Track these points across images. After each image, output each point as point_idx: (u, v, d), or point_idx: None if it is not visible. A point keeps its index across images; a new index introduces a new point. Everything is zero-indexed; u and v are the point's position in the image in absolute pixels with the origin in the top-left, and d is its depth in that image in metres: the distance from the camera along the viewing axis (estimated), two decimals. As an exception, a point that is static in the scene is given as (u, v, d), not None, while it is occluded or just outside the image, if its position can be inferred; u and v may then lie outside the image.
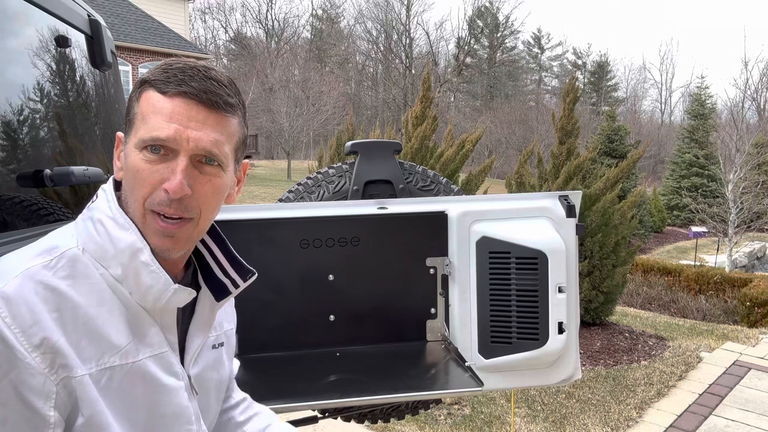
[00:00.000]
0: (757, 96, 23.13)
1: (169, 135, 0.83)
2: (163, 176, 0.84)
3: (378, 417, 2.09)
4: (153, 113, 0.85)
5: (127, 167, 0.87)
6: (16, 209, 1.14)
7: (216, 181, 0.89)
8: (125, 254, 0.85)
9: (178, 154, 0.85)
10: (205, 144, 0.85)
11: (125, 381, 0.84)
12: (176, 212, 0.86)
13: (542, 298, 1.82)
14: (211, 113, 0.86)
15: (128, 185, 0.87)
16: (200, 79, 0.86)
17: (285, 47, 43.28)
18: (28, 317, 0.76)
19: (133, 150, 0.86)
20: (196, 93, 0.85)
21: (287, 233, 1.79)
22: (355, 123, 8.62)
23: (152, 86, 0.86)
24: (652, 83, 65.76)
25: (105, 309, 0.84)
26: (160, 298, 0.87)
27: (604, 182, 6.00)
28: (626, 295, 8.71)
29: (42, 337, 0.76)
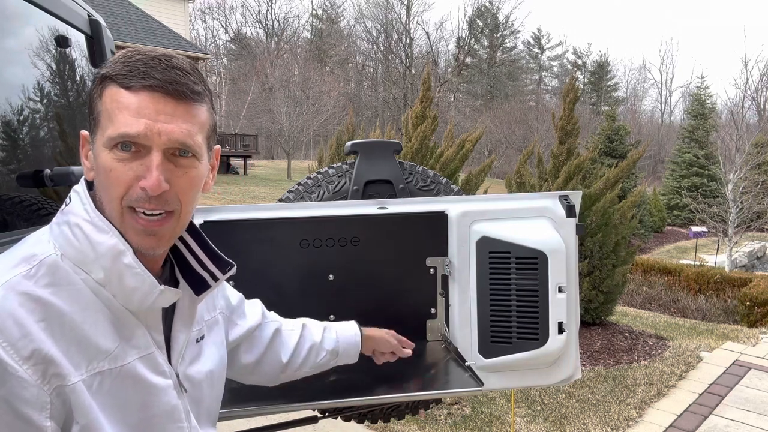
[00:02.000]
0: (757, 96, 23.13)
1: (140, 131, 0.81)
2: (137, 173, 0.83)
3: (378, 417, 2.09)
4: (119, 110, 0.82)
5: (98, 167, 0.85)
6: (16, 209, 1.14)
7: (192, 172, 0.88)
8: (107, 258, 0.83)
9: (150, 150, 0.83)
10: (177, 136, 0.83)
11: (115, 384, 0.83)
12: (156, 207, 0.84)
13: (542, 298, 1.82)
14: (179, 104, 0.84)
15: (101, 186, 0.85)
16: (163, 70, 0.83)
17: (285, 47, 43.29)
18: (15, 330, 0.74)
19: (103, 149, 0.83)
20: (161, 85, 0.82)
21: (287, 233, 1.79)
22: (355, 123, 8.62)
23: (114, 81, 0.83)
24: (652, 83, 65.78)
25: (90, 314, 0.82)
26: (145, 299, 0.86)
27: (604, 182, 6.00)
28: (626, 295, 8.71)
29: (32, 348, 0.75)
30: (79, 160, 1.46)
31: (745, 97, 17.41)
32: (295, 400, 1.53)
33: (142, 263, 0.86)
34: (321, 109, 29.03)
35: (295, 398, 1.54)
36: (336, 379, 1.65)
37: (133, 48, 0.89)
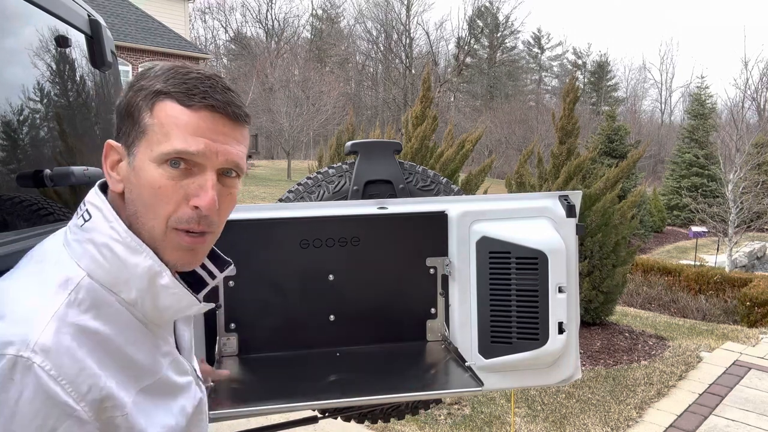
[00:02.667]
0: (757, 96, 23.12)
1: (199, 149, 0.80)
2: (188, 192, 0.81)
3: (378, 417, 2.09)
4: (177, 126, 0.80)
5: (140, 182, 0.81)
6: (16, 209, 1.14)
7: (234, 192, 0.89)
8: (143, 279, 0.82)
9: (205, 169, 0.82)
10: (233, 157, 0.84)
11: (155, 396, 0.84)
12: (203, 228, 0.83)
13: (542, 298, 1.82)
14: (235, 126, 0.85)
15: (143, 201, 0.82)
16: (222, 91, 0.83)
17: (285, 47, 43.28)
18: (73, 367, 0.72)
19: (149, 163, 0.81)
20: (221, 106, 0.83)
21: (287, 233, 1.79)
22: (355, 123, 8.62)
23: (172, 98, 0.81)
24: (652, 83, 65.78)
25: (129, 333, 0.82)
26: (177, 314, 0.88)
27: (604, 182, 6.00)
28: (626, 295, 8.71)
29: (89, 384, 0.73)
30: (79, 161, 1.46)
31: (745, 97, 17.41)
32: (295, 400, 1.53)
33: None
34: (321, 109, 29.02)
35: (295, 398, 1.53)
36: (336, 379, 1.65)
37: (179, 64, 0.87)
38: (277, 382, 1.65)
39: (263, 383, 1.65)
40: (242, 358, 1.78)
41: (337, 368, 1.73)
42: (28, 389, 0.69)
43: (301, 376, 1.68)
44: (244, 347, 1.79)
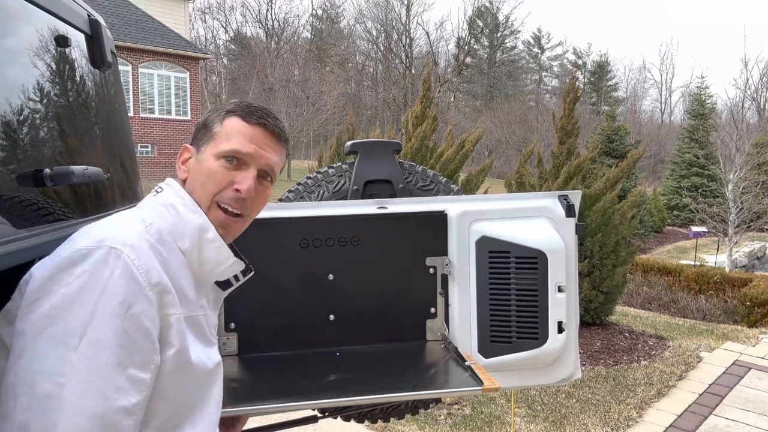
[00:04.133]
0: (757, 96, 23.13)
1: (249, 151, 1.11)
2: (233, 179, 1.10)
3: (378, 417, 2.09)
4: (237, 133, 1.12)
5: (201, 169, 1.12)
6: (16, 209, 1.14)
7: (266, 192, 1.18)
8: (195, 231, 1.08)
9: (249, 167, 1.12)
10: (270, 163, 1.15)
11: (194, 329, 1.06)
12: (239, 208, 1.12)
13: (542, 297, 1.82)
14: (277, 143, 1.16)
15: (199, 183, 1.11)
16: (273, 118, 1.16)
17: (285, 47, 43.27)
18: (147, 262, 0.97)
19: (211, 157, 1.11)
20: (271, 126, 1.15)
21: (287, 233, 1.79)
22: (355, 123, 8.62)
23: (237, 115, 1.13)
24: (652, 83, 65.74)
25: (181, 270, 1.06)
26: (216, 268, 1.12)
27: (604, 182, 6.00)
28: (626, 295, 8.71)
29: (158, 279, 0.97)
30: (78, 161, 1.47)
31: (745, 97, 17.41)
32: (295, 399, 1.53)
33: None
34: (321, 109, 29.01)
35: (295, 398, 1.54)
36: (336, 379, 1.65)
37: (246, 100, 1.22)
38: (276, 381, 1.65)
39: (263, 383, 1.66)
40: (242, 357, 1.78)
41: (337, 368, 1.73)
42: (118, 270, 0.93)
43: (301, 375, 1.68)
44: (244, 347, 1.79)
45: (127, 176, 1.82)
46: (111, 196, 1.63)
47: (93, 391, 0.87)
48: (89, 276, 0.91)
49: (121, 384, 0.89)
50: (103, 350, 0.89)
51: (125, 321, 0.91)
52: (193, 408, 1.06)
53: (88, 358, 0.88)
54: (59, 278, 0.91)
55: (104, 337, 0.89)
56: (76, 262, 0.92)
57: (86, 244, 0.94)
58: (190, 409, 1.05)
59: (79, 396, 0.86)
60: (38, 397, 0.85)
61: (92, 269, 0.92)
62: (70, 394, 0.85)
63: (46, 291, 0.90)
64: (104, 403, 0.87)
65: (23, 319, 0.90)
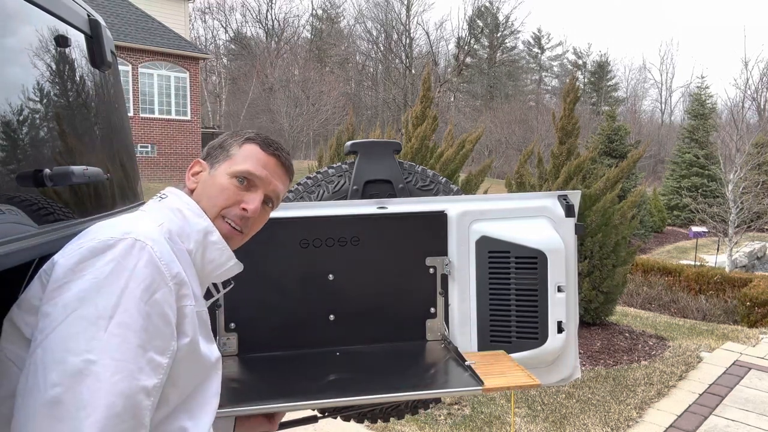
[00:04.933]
0: (757, 96, 23.13)
1: (262, 175, 1.24)
2: (242, 198, 1.21)
3: (378, 417, 2.09)
4: (253, 158, 1.24)
5: (213, 183, 1.22)
6: (16, 209, 1.14)
7: (266, 215, 1.29)
8: (200, 234, 1.16)
9: (258, 189, 1.24)
10: (278, 191, 1.28)
11: (200, 323, 1.11)
12: (241, 225, 1.22)
13: (541, 297, 1.82)
14: (285, 173, 1.30)
15: (209, 195, 1.21)
16: (286, 152, 1.30)
17: (285, 47, 43.27)
18: (167, 254, 1.04)
19: (225, 174, 1.22)
20: (284, 158, 1.29)
21: (287, 233, 1.79)
22: (355, 123, 8.62)
23: (255, 143, 1.26)
24: (652, 83, 65.71)
25: (189, 267, 1.12)
26: (218, 268, 1.20)
27: (604, 182, 6.00)
28: (626, 295, 8.71)
29: (176, 270, 1.04)
30: (78, 161, 1.47)
31: (745, 97, 17.41)
32: (295, 399, 1.53)
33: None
34: (321, 109, 29.03)
35: (294, 398, 1.54)
36: (336, 379, 1.65)
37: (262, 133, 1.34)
38: (276, 381, 1.65)
39: (263, 383, 1.66)
40: (242, 357, 1.78)
41: (337, 368, 1.73)
42: (143, 260, 0.99)
43: (301, 375, 1.68)
44: (244, 347, 1.79)
45: (127, 176, 1.82)
46: (111, 196, 1.63)
47: (121, 369, 0.91)
48: (117, 263, 0.97)
49: (143, 365, 0.94)
50: (130, 331, 0.94)
51: (150, 306, 0.97)
52: (198, 398, 1.11)
53: (117, 337, 0.93)
54: (87, 265, 0.97)
55: (131, 320, 0.94)
56: (104, 250, 0.98)
57: (113, 235, 1.01)
58: (195, 398, 1.10)
59: (111, 373, 0.90)
60: (70, 373, 0.89)
61: (120, 257, 0.98)
62: (102, 370, 0.90)
63: (75, 276, 0.96)
64: (131, 381, 0.92)
65: (50, 302, 0.94)
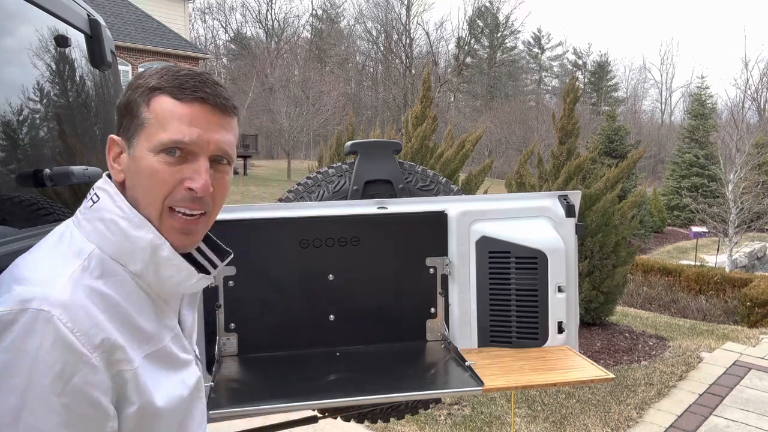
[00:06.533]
0: (757, 96, 23.12)
1: (192, 138, 0.89)
2: (183, 176, 0.90)
3: (378, 417, 2.09)
4: (171, 118, 0.89)
5: (138, 169, 0.90)
6: (16, 209, 1.14)
7: (226, 178, 0.97)
8: (146, 252, 0.90)
9: (198, 156, 0.91)
10: (223, 145, 0.93)
11: (160, 364, 0.91)
12: (198, 207, 0.92)
13: (542, 297, 1.82)
14: (224, 117, 0.94)
15: (141, 186, 0.91)
16: (211, 85, 0.92)
17: (285, 47, 43.27)
18: (86, 320, 0.81)
19: (147, 153, 0.89)
20: (211, 98, 0.91)
21: (287, 233, 1.79)
22: (355, 123, 8.62)
23: (165, 93, 0.91)
24: (652, 83, 65.71)
25: (135, 302, 0.90)
26: (179, 286, 0.95)
27: (604, 182, 5.99)
28: (626, 295, 8.70)
29: (102, 337, 0.81)
30: (78, 161, 1.46)
31: (745, 97, 17.42)
32: (295, 399, 1.53)
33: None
34: (321, 109, 29.02)
35: (294, 398, 1.53)
36: (336, 379, 1.65)
37: (171, 64, 0.98)
38: (277, 381, 1.65)
39: (263, 383, 1.65)
40: (242, 357, 1.78)
41: (337, 368, 1.73)
42: (48, 339, 0.77)
43: (301, 376, 1.68)
44: (244, 347, 1.79)
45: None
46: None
47: None
48: (15, 351, 0.76)
49: None
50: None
51: (66, 396, 0.77)
52: None
53: None
54: None
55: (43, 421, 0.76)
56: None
57: (7, 308, 0.78)
58: None
59: None
60: None
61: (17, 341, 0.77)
62: None
63: None
64: None
65: None
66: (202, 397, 1.03)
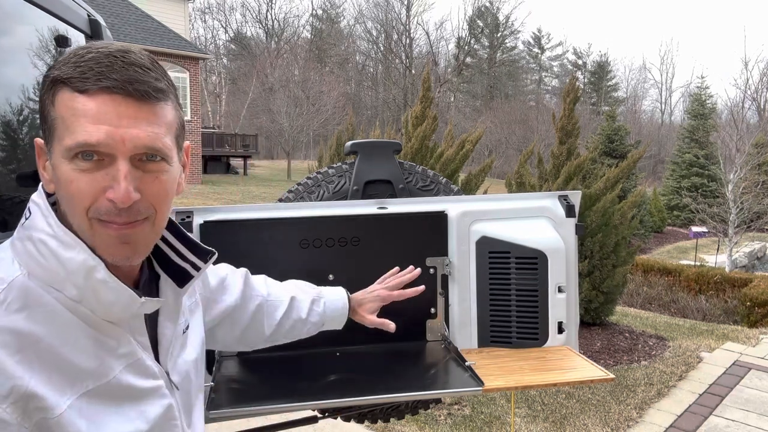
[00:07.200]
0: (757, 96, 23.13)
1: (100, 139, 0.74)
2: (102, 184, 0.76)
3: (378, 417, 2.09)
4: (75, 117, 0.74)
5: (57, 179, 0.77)
6: (16, 209, 1.14)
7: (163, 177, 0.81)
8: (79, 275, 0.77)
9: (115, 159, 0.75)
10: (143, 141, 0.76)
11: (104, 400, 0.79)
12: (128, 219, 0.78)
13: (542, 297, 1.82)
14: (142, 105, 0.76)
15: (64, 198, 0.78)
16: (121, 68, 0.75)
17: (285, 47, 43.29)
18: None
19: (61, 160, 0.76)
20: (120, 86, 0.75)
21: (287, 233, 1.79)
22: (355, 123, 8.63)
23: (67, 85, 0.75)
24: (652, 83, 65.77)
25: (68, 334, 0.77)
26: (125, 310, 0.82)
27: (604, 182, 6.00)
28: (626, 295, 8.71)
29: (10, 386, 0.70)
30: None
31: (745, 97, 17.43)
32: (295, 400, 1.53)
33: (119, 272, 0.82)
34: (321, 109, 29.03)
35: (294, 398, 1.53)
36: (336, 379, 1.65)
37: (84, 45, 0.80)
38: (276, 382, 1.65)
39: (263, 383, 1.65)
40: (242, 358, 1.78)
41: (337, 368, 1.73)
42: None
43: (301, 376, 1.68)
44: None
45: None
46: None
47: None
48: None
49: None
50: None
51: None
52: None
53: None
54: None
55: None
56: None
57: None
58: None
59: None
60: None
61: None
62: None
63: None
64: None
65: None
66: (174, 425, 0.91)
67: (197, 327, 1.10)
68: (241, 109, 34.49)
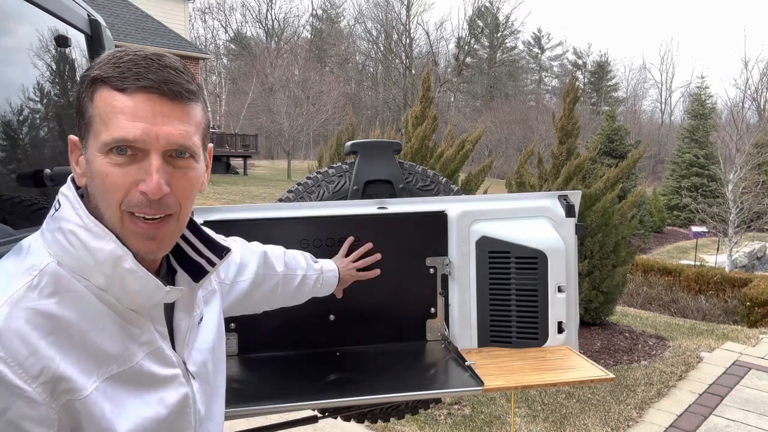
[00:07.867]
0: (757, 96, 23.14)
1: (137, 135, 0.80)
2: (136, 177, 0.81)
3: (378, 417, 2.09)
4: (113, 113, 0.80)
5: (92, 173, 0.83)
6: (16, 209, 1.14)
7: (191, 174, 0.87)
8: (107, 264, 0.82)
9: (148, 154, 0.81)
10: (176, 138, 0.82)
11: (128, 385, 0.84)
12: (157, 211, 0.83)
13: (542, 297, 1.82)
14: (175, 105, 0.83)
15: (97, 191, 0.83)
16: (157, 69, 0.82)
17: (285, 47, 43.30)
18: (23, 349, 0.73)
19: (97, 155, 0.81)
20: (157, 85, 0.81)
21: (287, 233, 1.79)
22: (355, 123, 8.63)
23: (106, 84, 0.81)
24: (652, 83, 65.75)
25: (96, 320, 0.82)
26: (150, 299, 0.87)
27: (604, 182, 6.00)
28: (626, 295, 8.71)
29: (41, 366, 0.74)
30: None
31: (745, 97, 17.43)
32: (295, 399, 1.53)
33: (143, 264, 0.85)
34: (321, 109, 29.03)
35: (295, 398, 1.54)
36: (336, 379, 1.65)
37: (121, 48, 0.87)
38: (276, 381, 1.65)
39: (263, 383, 1.66)
40: (242, 357, 1.78)
41: (337, 368, 1.73)
42: None
43: (301, 376, 1.68)
44: (244, 347, 1.79)
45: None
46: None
47: None
48: None
49: None
50: None
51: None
52: None
53: None
54: None
55: None
56: None
57: None
58: None
59: None
60: None
61: None
62: None
63: None
64: None
65: None
66: (189, 413, 0.95)
67: (213, 315, 1.12)
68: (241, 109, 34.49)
